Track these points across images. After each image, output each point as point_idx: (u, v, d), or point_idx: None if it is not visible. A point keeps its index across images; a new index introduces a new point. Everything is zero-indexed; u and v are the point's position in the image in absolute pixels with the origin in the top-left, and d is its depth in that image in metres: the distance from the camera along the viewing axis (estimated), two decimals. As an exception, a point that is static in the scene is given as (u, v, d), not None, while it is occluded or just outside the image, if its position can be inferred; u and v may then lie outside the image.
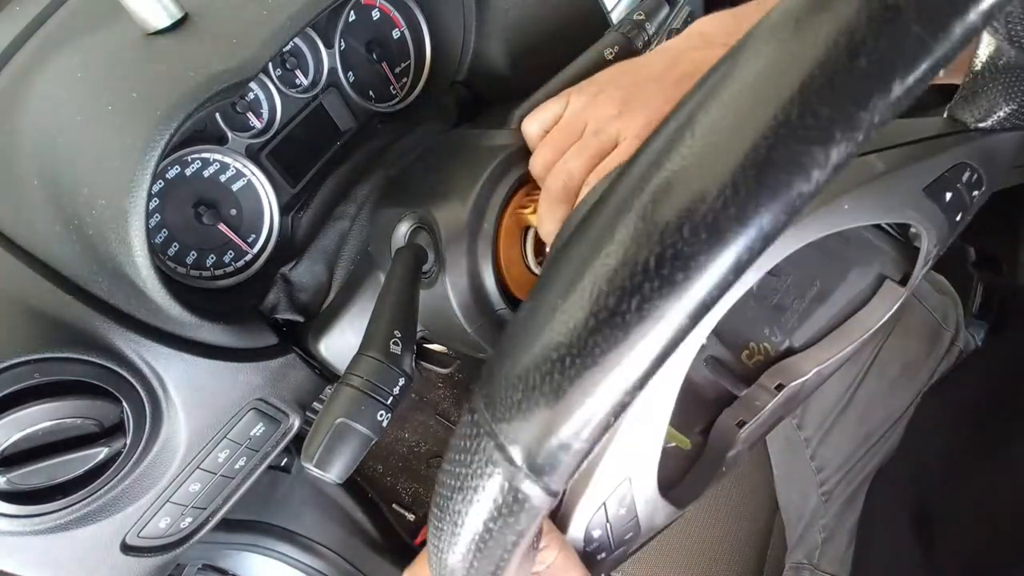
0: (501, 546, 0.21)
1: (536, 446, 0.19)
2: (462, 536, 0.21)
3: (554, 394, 0.18)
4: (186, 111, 0.36)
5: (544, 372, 0.18)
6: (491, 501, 0.20)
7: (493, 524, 0.20)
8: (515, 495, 0.19)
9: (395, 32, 0.57)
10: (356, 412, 0.37)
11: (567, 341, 0.18)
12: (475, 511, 0.20)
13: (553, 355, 0.18)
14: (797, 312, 0.44)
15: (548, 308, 0.19)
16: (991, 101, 0.36)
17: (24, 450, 0.37)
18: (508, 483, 0.19)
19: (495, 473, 0.19)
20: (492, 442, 0.19)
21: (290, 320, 0.51)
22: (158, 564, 0.47)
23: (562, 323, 0.18)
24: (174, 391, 0.43)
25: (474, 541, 0.21)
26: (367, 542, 0.87)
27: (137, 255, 0.37)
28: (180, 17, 0.39)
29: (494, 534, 0.20)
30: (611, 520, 0.35)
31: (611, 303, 0.17)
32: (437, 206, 0.45)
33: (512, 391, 0.19)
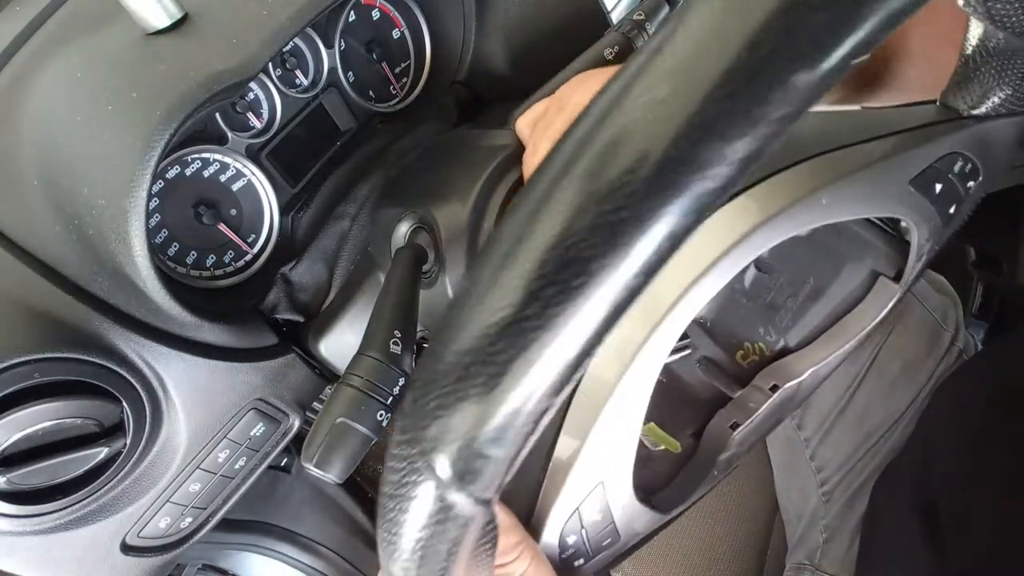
0: (438, 556, 0.20)
1: (457, 455, 0.18)
2: (401, 546, 0.20)
3: (470, 400, 0.17)
4: (186, 111, 0.36)
5: (459, 377, 0.18)
6: (421, 511, 0.19)
7: (425, 534, 0.20)
8: (442, 505, 0.19)
9: (395, 32, 0.57)
10: (356, 412, 0.37)
11: (477, 346, 0.17)
12: (408, 521, 0.20)
13: (466, 359, 0.17)
14: (791, 311, 0.43)
15: (463, 309, 0.18)
16: (984, 86, 0.35)
17: (24, 450, 0.37)
18: (435, 492, 0.19)
19: (422, 482, 0.19)
20: (418, 450, 0.19)
21: (290, 320, 0.51)
22: (158, 564, 0.47)
23: (472, 327, 0.18)
24: (174, 391, 0.43)
25: (412, 551, 0.20)
26: (367, 542, 0.87)
27: (137, 255, 0.37)
28: (180, 17, 0.39)
29: (428, 544, 0.20)
30: (586, 526, 0.35)
31: (517, 305, 0.17)
32: (437, 206, 0.45)
33: (432, 397, 0.18)
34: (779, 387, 0.42)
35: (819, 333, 0.43)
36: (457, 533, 0.20)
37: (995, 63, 0.34)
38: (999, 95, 0.35)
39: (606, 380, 0.30)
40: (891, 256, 0.39)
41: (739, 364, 0.45)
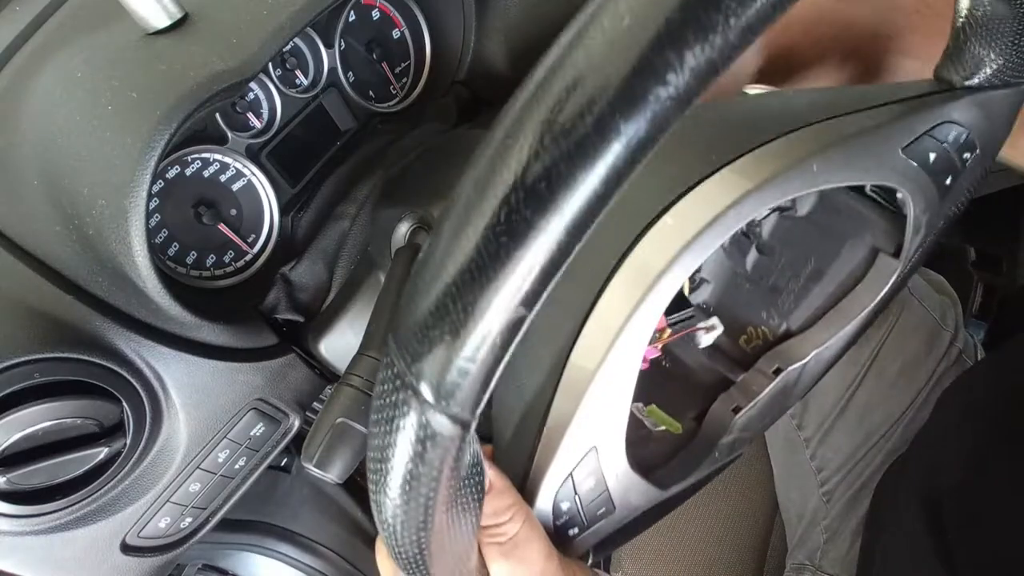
0: (424, 482, 0.22)
1: (437, 375, 0.19)
2: (389, 476, 0.22)
3: (446, 321, 0.19)
4: (186, 111, 0.36)
5: (436, 303, 0.19)
6: (406, 436, 0.21)
7: (411, 459, 0.21)
8: (426, 428, 0.20)
9: (395, 32, 0.57)
10: (356, 412, 0.37)
11: (451, 271, 0.19)
12: (395, 449, 0.21)
13: (441, 285, 0.19)
14: (793, 292, 0.43)
15: (436, 245, 0.20)
16: (976, 57, 0.35)
17: (24, 450, 0.37)
18: (418, 416, 0.20)
19: (403, 405, 0.20)
20: (400, 380, 0.20)
21: (290, 320, 0.51)
22: (158, 564, 0.48)
23: (444, 255, 0.19)
24: (174, 391, 0.43)
25: (399, 479, 0.22)
26: (367, 542, 0.87)
27: (137, 255, 0.37)
28: (180, 17, 0.39)
29: (414, 470, 0.21)
30: (580, 492, 0.34)
31: (483, 224, 0.18)
32: (437, 206, 0.45)
33: (412, 326, 0.20)
34: (782, 370, 0.41)
35: (821, 314, 0.42)
36: (439, 455, 0.21)
37: (985, 33, 0.34)
38: (991, 66, 0.35)
39: (599, 346, 0.31)
40: (890, 232, 0.39)
41: (742, 348, 0.45)
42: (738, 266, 0.44)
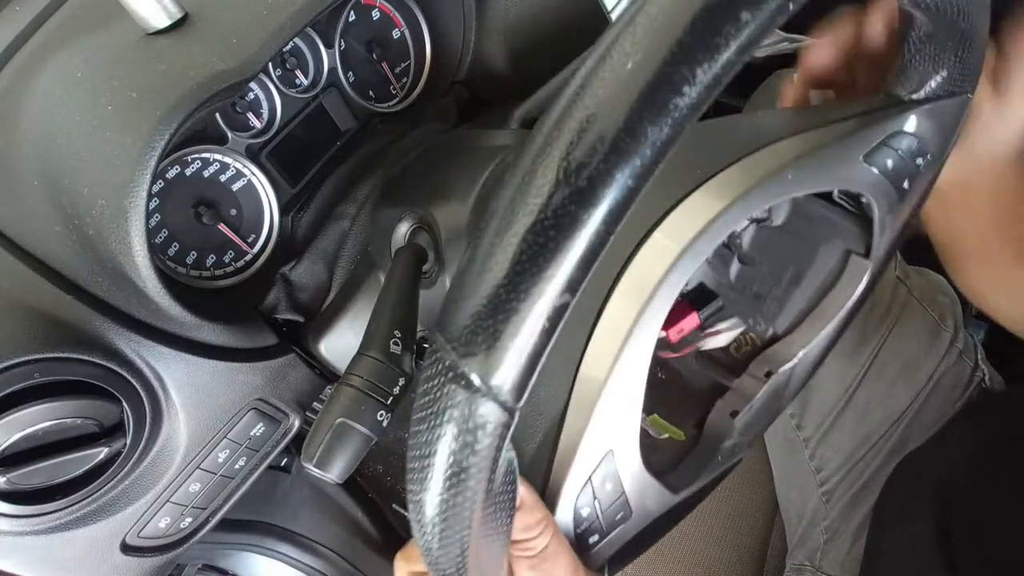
0: (473, 474, 0.22)
1: (489, 364, 0.21)
2: (436, 471, 0.22)
3: (499, 311, 0.21)
4: (186, 111, 0.36)
5: (489, 295, 0.21)
6: (458, 427, 0.21)
7: (461, 449, 0.22)
8: (477, 417, 0.21)
9: (395, 32, 0.57)
10: (356, 412, 0.37)
11: (503, 264, 0.21)
12: (445, 441, 0.22)
13: (493, 278, 0.21)
14: (776, 298, 0.46)
15: (484, 242, 0.21)
16: (921, 72, 0.38)
17: (24, 450, 0.37)
18: (470, 406, 0.21)
19: (457, 398, 0.21)
20: (452, 372, 0.21)
21: (290, 320, 0.51)
22: (158, 564, 0.47)
23: (494, 250, 0.21)
24: (174, 391, 0.43)
25: (447, 473, 0.22)
26: (367, 542, 0.87)
27: (137, 255, 0.37)
28: (180, 17, 0.39)
29: (464, 461, 0.22)
30: (599, 497, 0.35)
31: (531, 219, 0.20)
32: (437, 206, 0.45)
33: (464, 319, 0.21)
34: (773, 372, 0.44)
35: (804, 317, 0.45)
36: (489, 445, 0.22)
37: (928, 49, 0.37)
38: (936, 79, 0.38)
39: (607, 354, 0.32)
40: (859, 234, 0.42)
41: (732, 355, 0.47)
42: (722, 277, 0.46)
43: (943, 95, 0.39)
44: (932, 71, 0.38)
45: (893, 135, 0.37)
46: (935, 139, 0.39)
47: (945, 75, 0.38)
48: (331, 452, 0.37)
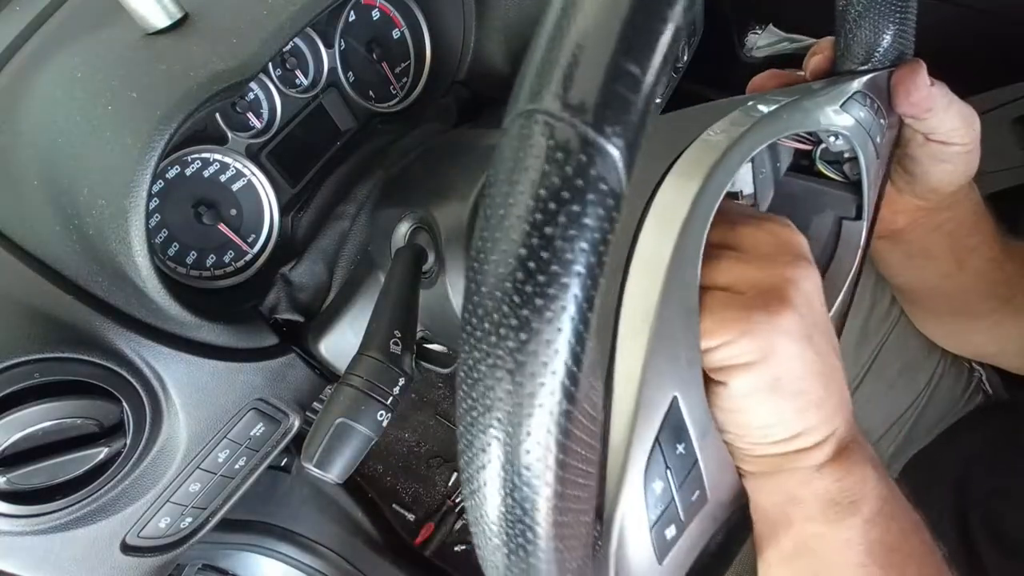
0: (588, 224, 0.19)
1: (593, 93, 0.18)
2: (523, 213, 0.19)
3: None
4: (186, 111, 0.36)
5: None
6: (560, 169, 0.18)
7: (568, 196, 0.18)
8: (586, 148, 0.18)
9: (395, 32, 0.57)
10: (356, 412, 0.37)
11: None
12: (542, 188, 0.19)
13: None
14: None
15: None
16: (865, 46, 0.42)
17: (24, 450, 0.37)
18: (577, 137, 0.18)
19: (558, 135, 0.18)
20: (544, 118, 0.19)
21: (290, 320, 0.51)
22: (158, 564, 0.47)
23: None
24: (174, 391, 0.43)
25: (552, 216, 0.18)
26: (367, 542, 0.87)
27: (137, 255, 0.37)
28: (180, 17, 0.39)
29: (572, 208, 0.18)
30: (671, 465, 0.30)
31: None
32: (437, 206, 0.45)
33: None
34: None
35: None
36: (606, 174, 0.19)
37: (867, 23, 0.41)
38: (879, 50, 0.42)
39: (649, 288, 0.29)
40: (846, 198, 0.43)
41: None
42: None
43: (888, 64, 0.43)
44: (874, 41, 0.42)
45: (856, 93, 0.40)
46: (887, 105, 0.43)
47: (886, 44, 0.42)
48: (331, 452, 0.37)
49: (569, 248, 0.18)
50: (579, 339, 0.19)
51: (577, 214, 0.18)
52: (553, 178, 0.18)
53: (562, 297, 0.19)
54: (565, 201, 0.18)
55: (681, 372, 0.30)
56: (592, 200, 0.18)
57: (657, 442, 0.29)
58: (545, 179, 0.18)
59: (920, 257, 0.55)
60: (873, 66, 0.43)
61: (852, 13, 0.41)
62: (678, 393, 0.30)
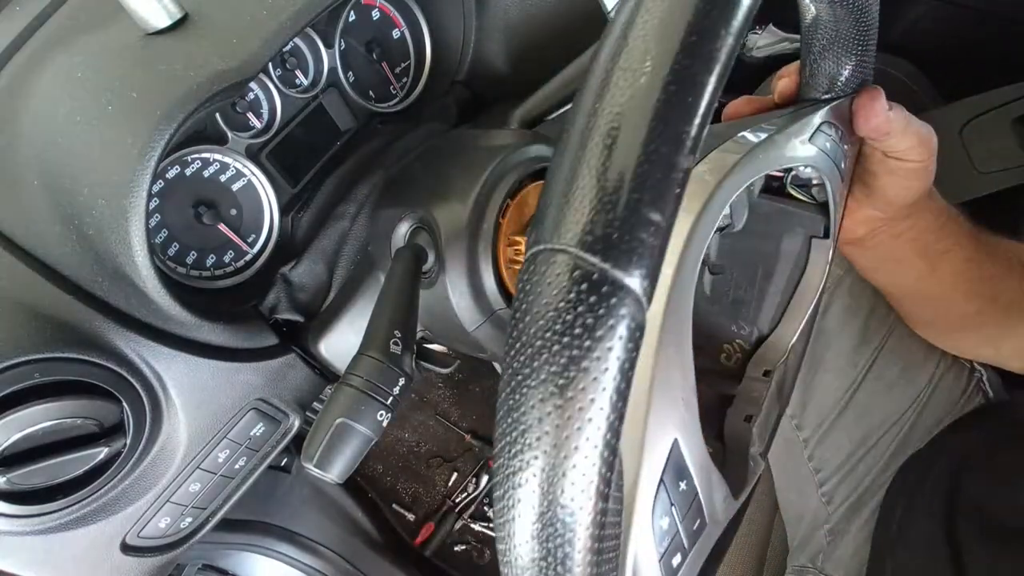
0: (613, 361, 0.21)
1: (617, 238, 0.20)
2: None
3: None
4: (186, 111, 0.36)
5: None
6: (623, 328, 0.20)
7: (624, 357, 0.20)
8: (613, 287, 0.20)
9: (395, 32, 0.57)
10: (356, 412, 0.37)
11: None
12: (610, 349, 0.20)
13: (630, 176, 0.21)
14: (752, 300, 0.47)
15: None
16: (828, 77, 0.44)
17: (24, 450, 0.37)
18: (604, 281, 0.20)
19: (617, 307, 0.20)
20: (572, 263, 0.21)
21: (290, 320, 0.51)
22: (158, 564, 0.48)
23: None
24: (174, 391, 0.43)
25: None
26: (367, 542, 0.87)
27: (137, 255, 0.37)
28: (180, 17, 0.39)
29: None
30: (675, 502, 0.33)
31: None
32: (437, 206, 0.45)
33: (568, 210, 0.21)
34: (771, 371, 0.45)
35: (783, 310, 0.47)
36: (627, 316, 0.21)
37: (831, 55, 0.43)
38: (841, 78, 0.44)
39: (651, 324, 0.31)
40: (814, 218, 0.46)
41: (725, 365, 0.47)
42: (698, 292, 0.47)
43: (851, 91, 0.45)
44: (836, 70, 0.44)
45: (823, 124, 0.42)
46: (848, 129, 0.45)
47: (847, 73, 0.44)
48: (331, 452, 0.37)
49: (600, 374, 0.21)
50: (610, 452, 0.21)
51: (607, 348, 0.21)
52: (584, 316, 0.21)
53: (596, 419, 0.21)
54: (594, 336, 0.20)
55: (680, 414, 0.32)
56: (619, 333, 0.20)
57: (662, 482, 0.32)
58: (576, 317, 0.21)
59: (890, 262, 0.56)
60: (836, 94, 0.45)
61: (816, 47, 0.43)
62: (678, 435, 0.32)
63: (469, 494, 1.00)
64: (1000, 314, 0.57)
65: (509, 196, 0.45)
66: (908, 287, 0.59)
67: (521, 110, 0.48)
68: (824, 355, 0.68)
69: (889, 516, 0.66)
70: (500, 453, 0.22)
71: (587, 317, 0.20)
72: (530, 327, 0.21)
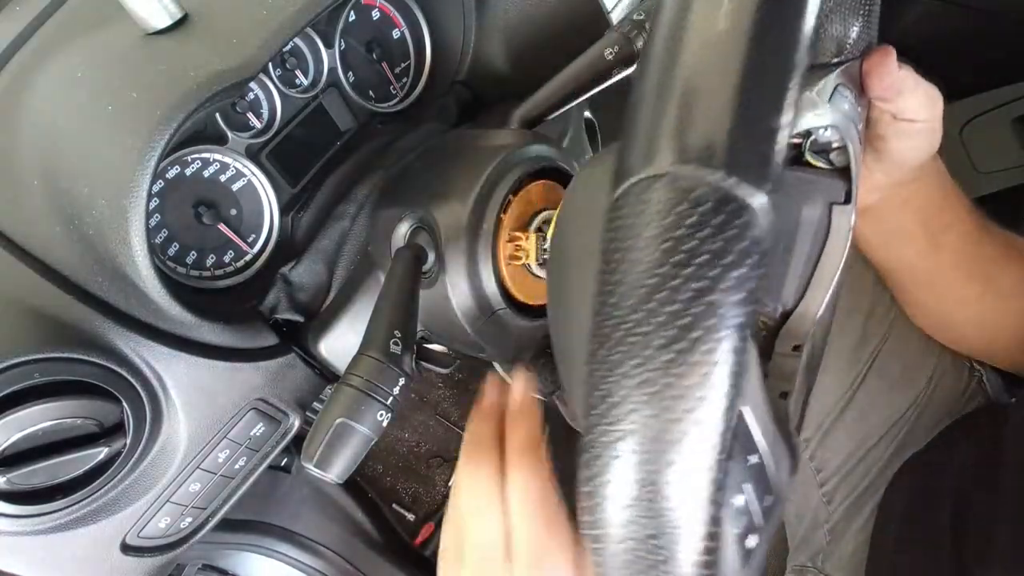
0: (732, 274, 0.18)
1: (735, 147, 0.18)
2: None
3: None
4: (186, 111, 0.36)
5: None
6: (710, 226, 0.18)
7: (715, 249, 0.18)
8: (728, 203, 0.18)
9: (395, 32, 0.57)
10: (356, 412, 0.37)
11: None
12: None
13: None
14: (776, 275, 0.46)
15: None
16: (836, 40, 0.43)
17: (24, 450, 0.37)
18: (721, 190, 0.18)
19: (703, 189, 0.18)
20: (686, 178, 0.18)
21: (290, 320, 0.51)
22: (158, 564, 0.48)
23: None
24: (174, 391, 0.43)
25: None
26: (367, 542, 0.87)
27: (137, 255, 0.37)
28: (180, 17, 0.39)
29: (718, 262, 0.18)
30: (746, 476, 0.31)
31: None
32: (437, 206, 0.45)
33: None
34: (800, 345, 0.44)
35: (807, 283, 0.46)
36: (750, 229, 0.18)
37: (836, 18, 0.42)
38: (849, 40, 0.43)
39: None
40: (835, 184, 0.44)
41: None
42: None
43: (859, 54, 0.44)
44: (844, 32, 0.43)
45: (838, 86, 0.41)
46: (859, 91, 0.44)
47: (855, 35, 0.43)
48: (331, 452, 0.37)
49: (732, 307, 0.18)
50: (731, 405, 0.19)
51: (739, 276, 0.18)
52: (709, 240, 0.18)
53: (722, 362, 0.18)
54: (723, 262, 0.18)
55: (748, 381, 0.30)
56: (751, 258, 0.18)
57: (731, 458, 0.29)
58: (700, 242, 0.18)
59: (895, 235, 0.57)
60: (845, 57, 0.44)
61: (823, 11, 0.42)
62: (747, 405, 0.30)
63: (469, 494, 1.00)
64: (998, 302, 0.58)
65: (510, 196, 0.45)
66: (910, 265, 0.60)
67: (521, 110, 0.48)
68: (824, 355, 0.68)
69: (888, 515, 0.66)
70: (601, 415, 0.19)
71: (714, 241, 0.17)
72: (636, 266, 0.18)
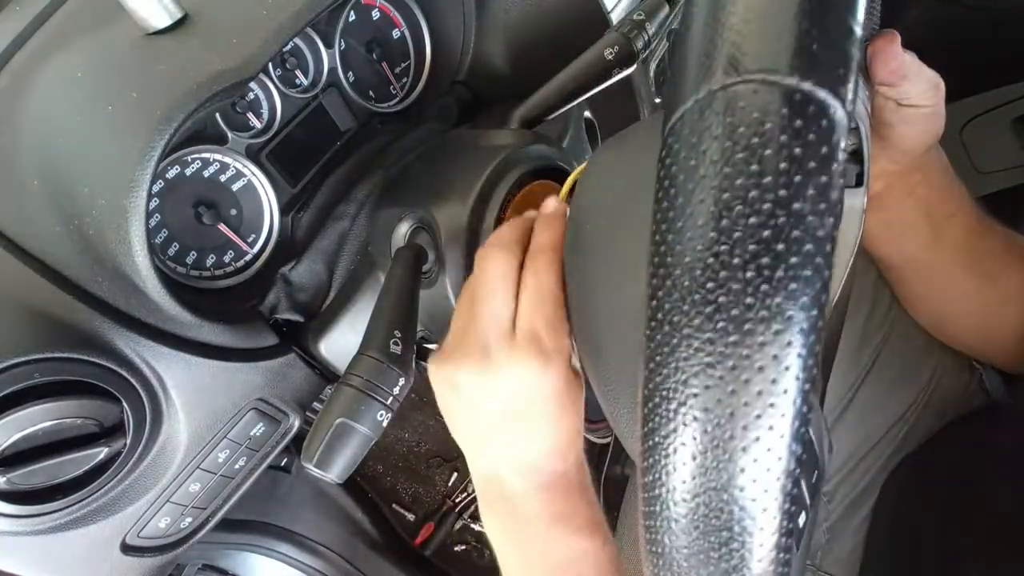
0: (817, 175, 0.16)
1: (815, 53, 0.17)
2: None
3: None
4: (186, 111, 0.36)
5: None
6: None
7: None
8: (806, 105, 0.16)
9: (395, 32, 0.57)
10: (356, 412, 0.37)
11: None
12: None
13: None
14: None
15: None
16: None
17: (24, 450, 0.37)
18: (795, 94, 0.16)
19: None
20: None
21: (290, 320, 0.51)
22: (158, 564, 0.48)
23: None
24: (174, 391, 0.43)
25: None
26: (367, 542, 0.87)
27: (137, 255, 0.37)
28: (180, 17, 0.39)
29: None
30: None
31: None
32: (437, 206, 0.45)
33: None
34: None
35: None
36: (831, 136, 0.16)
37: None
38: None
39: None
40: (847, 167, 0.44)
41: None
42: None
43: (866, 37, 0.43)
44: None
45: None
46: (864, 76, 0.44)
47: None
48: (331, 452, 0.37)
49: (816, 224, 0.17)
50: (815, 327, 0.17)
51: (823, 183, 0.16)
52: (789, 147, 0.16)
53: (813, 276, 0.17)
54: (806, 169, 0.16)
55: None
56: (835, 166, 0.16)
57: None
58: (780, 149, 0.16)
59: (898, 226, 0.57)
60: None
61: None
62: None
63: (469, 494, 1.00)
64: (997, 297, 0.58)
65: (510, 195, 0.45)
66: (912, 257, 0.60)
67: (521, 110, 0.48)
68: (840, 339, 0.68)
69: (880, 514, 0.66)
70: (663, 362, 0.17)
71: (793, 147, 0.16)
72: (709, 181, 0.17)
